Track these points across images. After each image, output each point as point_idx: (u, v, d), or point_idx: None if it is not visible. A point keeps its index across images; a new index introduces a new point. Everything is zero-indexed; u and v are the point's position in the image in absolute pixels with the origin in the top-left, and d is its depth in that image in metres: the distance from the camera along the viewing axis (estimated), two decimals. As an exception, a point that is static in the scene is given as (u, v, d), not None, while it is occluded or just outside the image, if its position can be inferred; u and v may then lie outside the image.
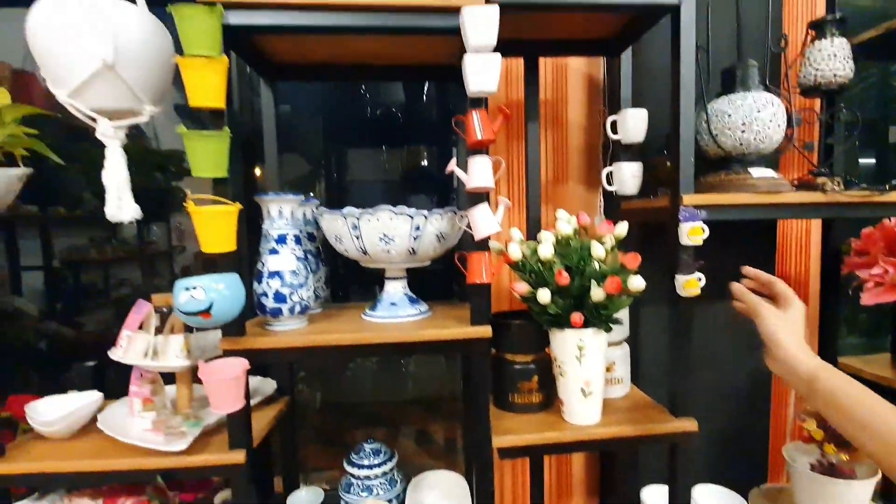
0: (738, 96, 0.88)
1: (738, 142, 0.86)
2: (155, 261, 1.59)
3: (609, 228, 0.84)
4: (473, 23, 0.71)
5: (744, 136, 0.86)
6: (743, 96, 0.87)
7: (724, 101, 0.89)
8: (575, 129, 1.25)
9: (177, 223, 1.55)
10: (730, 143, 0.88)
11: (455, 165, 0.78)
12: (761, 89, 0.89)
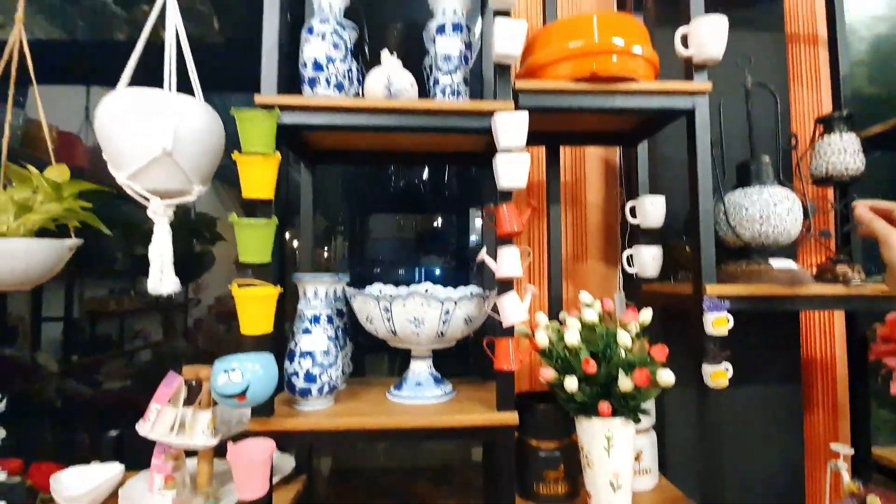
0: (754, 190, 0.92)
1: (757, 234, 0.89)
2: (171, 312, 1.63)
3: (634, 315, 0.86)
4: (505, 127, 0.77)
5: (762, 229, 0.89)
6: (759, 190, 0.91)
7: (741, 193, 0.93)
8: (593, 208, 1.30)
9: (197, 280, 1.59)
10: (748, 235, 0.91)
11: (485, 255, 0.82)
12: (776, 184, 0.93)
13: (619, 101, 0.86)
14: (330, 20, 0.85)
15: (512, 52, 0.79)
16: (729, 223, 0.92)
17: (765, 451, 1.21)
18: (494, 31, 0.79)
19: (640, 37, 0.88)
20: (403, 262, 1.51)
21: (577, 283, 1.26)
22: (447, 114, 0.82)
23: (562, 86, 0.84)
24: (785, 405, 1.22)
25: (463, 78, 0.90)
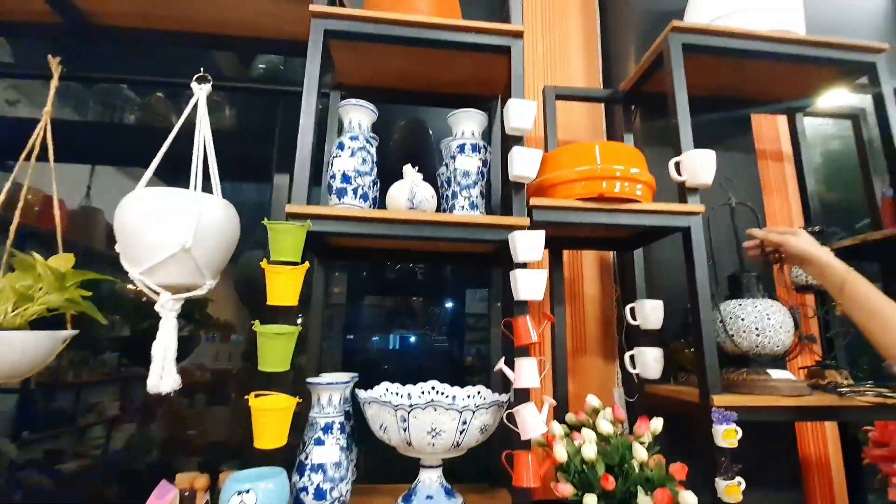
0: (748, 302, 0.98)
1: (754, 344, 0.94)
2: (131, 384, 1.55)
3: (646, 426, 0.87)
4: (523, 244, 0.82)
5: (758, 340, 0.94)
6: (752, 303, 0.97)
7: (735, 304, 0.99)
8: (590, 303, 1.35)
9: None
10: (746, 344, 0.96)
11: (503, 364, 0.84)
12: (765, 296, 1.00)
13: (622, 218, 0.94)
14: (360, 137, 0.92)
15: (528, 175, 0.87)
16: (727, 331, 0.97)
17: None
18: (513, 156, 0.86)
19: (639, 163, 0.98)
20: (407, 353, 1.50)
21: (578, 378, 1.27)
22: (468, 226, 0.87)
23: (572, 204, 0.91)
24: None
25: (480, 192, 0.97)
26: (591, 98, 1.35)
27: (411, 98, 1.24)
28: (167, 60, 1.46)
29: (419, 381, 1.06)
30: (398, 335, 1.50)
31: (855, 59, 1.12)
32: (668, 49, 1.04)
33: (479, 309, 1.48)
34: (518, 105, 0.88)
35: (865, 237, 1.17)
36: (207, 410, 1.56)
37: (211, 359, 1.55)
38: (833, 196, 1.77)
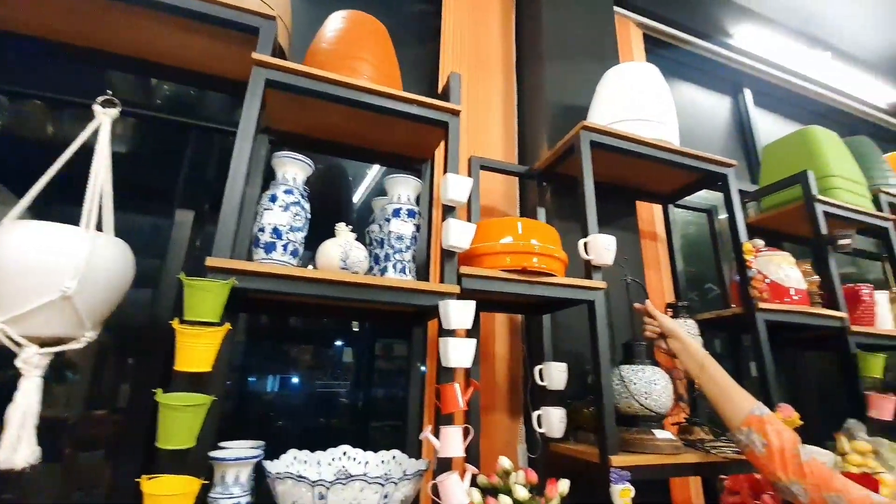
0: (638, 368, 1.12)
1: (645, 406, 1.07)
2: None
3: (555, 489, 0.92)
4: (456, 312, 0.85)
5: (647, 402, 1.07)
6: (642, 369, 1.11)
7: (628, 369, 1.12)
8: (500, 362, 1.41)
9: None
10: (637, 405, 1.08)
11: (429, 433, 0.83)
12: (652, 363, 1.15)
13: (540, 290, 1.02)
14: (294, 192, 0.89)
15: (462, 245, 0.92)
16: (623, 393, 1.09)
17: None
18: (449, 227, 0.91)
19: (555, 241, 1.09)
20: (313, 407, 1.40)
21: (487, 436, 1.31)
22: (401, 291, 0.88)
23: (499, 274, 0.98)
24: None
25: (412, 256, 0.99)
26: (512, 172, 1.48)
27: (343, 152, 1.24)
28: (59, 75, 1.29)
29: (326, 440, 1.00)
30: (303, 387, 1.41)
31: (712, 170, 1.39)
32: (579, 143, 1.20)
33: (395, 365, 1.46)
34: (456, 180, 0.94)
35: (719, 313, 1.42)
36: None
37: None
38: (693, 270, 2.13)
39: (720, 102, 2.44)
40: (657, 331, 1.12)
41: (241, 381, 1.36)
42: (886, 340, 1.48)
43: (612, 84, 1.47)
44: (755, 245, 1.48)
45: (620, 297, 1.26)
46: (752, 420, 0.90)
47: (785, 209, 1.64)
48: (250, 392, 1.36)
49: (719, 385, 0.97)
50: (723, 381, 0.98)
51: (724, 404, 0.96)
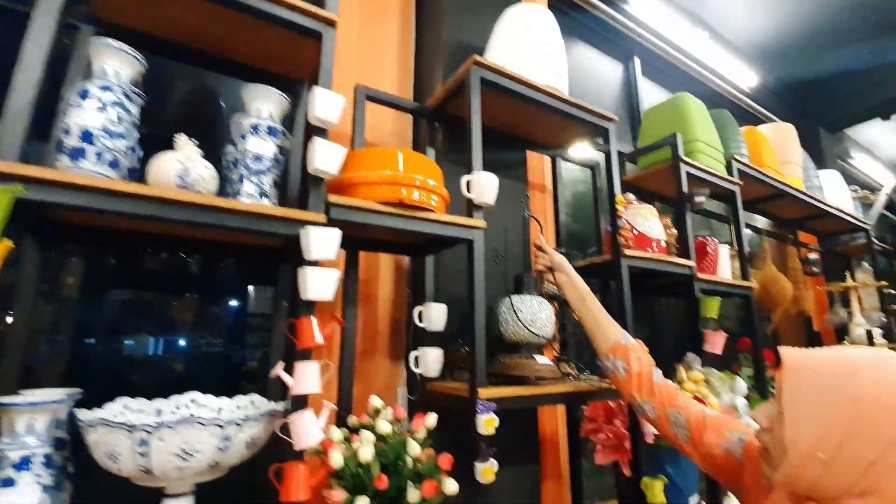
0: (526, 298, 1.15)
1: (531, 331, 1.11)
2: None
3: (422, 421, 0.92)
4: (317, 240, 0.78)
5: (532, 329, 1.11)
6: (530, 299, 1.15)
7: (518, 299, 1.15)
8: (384, 305, 1.37)
9: None
10: (523, 332, 1.11)
11: (281, 370, 0.76)
12: (536, 294, 1.18)
13: (418, 225, 0.98)
14: (115, 89, 0.72)
15: (330, 170, 0.83)
16: (511, 321, 1.11)
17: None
18: (315, 147, 0.81)
19: (437, 176, 1.04)
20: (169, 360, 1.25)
21: (365, 379, 1.28)
22: (254, 216, 0.77)
23: (373, 206, 0.91)
24: (527, 481, 1.45)
25: (274, 180, 0.88)
26: (400, 107, 1.39)
27: (201, 60, 1.06)
28: None
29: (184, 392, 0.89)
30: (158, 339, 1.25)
31: (597, 123, 1.44)
32: (469, 79, 1.15)
33: (262, 309, 1.35)
34: (325, 96, 0.84)
35: (591, 260, 1.51)
36: None
37: None
38: (577, 227, 2.25)
39: (613, 68, 2.55)
40: (548, 264, 1.17)
41: (79, 335, 1.15)
42: (723, 287, 1.70)
43: (510, 24, 1.43)
44: (627, 198, 1.59)
45: (516, 233, 1.27)
46: (618, 348, 1.00)
47: (656, 168, 1.78)
48: (93, 348, 1.17)
49: (596, 318, 1.06)
50: (599, 314, 1.07)
51: (598, 334, 1.05)
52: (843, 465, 0.54)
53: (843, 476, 0.54)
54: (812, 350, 0.63)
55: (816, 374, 0.59)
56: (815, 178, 2.66)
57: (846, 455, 0.54)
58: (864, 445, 0.53)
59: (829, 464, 0.55)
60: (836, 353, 0.61)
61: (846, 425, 0.54)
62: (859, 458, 0.53)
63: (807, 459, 0.56)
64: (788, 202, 2.44)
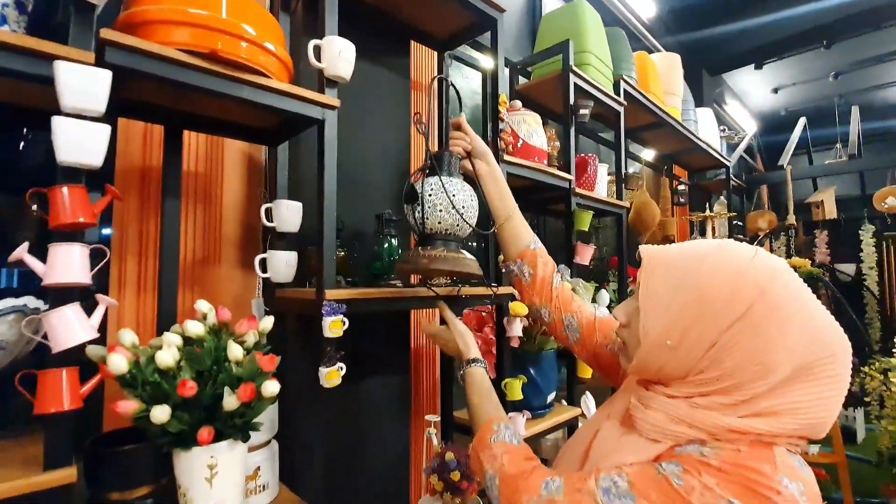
0: (455, 180, 0.95)
1: (463, 221, 0.92)
2: None
3: (251, 325, 0.80)
4: (73, 82, 0.57)
5: (465, 217, 0.92)
6: (459, 182, 0.95)
7: (448, 180, 0.93)
8: (232, 207, 1.18)
9: None
10: (451, 221, 0.92)
11: (25, 252, 0.58)
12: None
13: (247, 92, 0.79)
14: None
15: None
16: (452, 205, 0.91)
17: (382, 432, 1.39)
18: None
19: (276, 36, 0.84)
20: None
21: (207, 292, 1.11)
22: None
23: (173, 54, 0.69)
24: (397, 394, 1.44)
25: (16, 2, 0.62)
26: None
27: None
28: None
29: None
30: None
31: (484, 10, 1.29)
32: (324, -82, 0.92)
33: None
34: None
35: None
36: None
37: None
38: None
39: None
40: (467, 148, 1.02)
41: None
42: (598, 204, 1.75)
43: None
44: (513, 105, 1.51)
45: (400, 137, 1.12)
46: (527, 253, 0.95)
47: (547, 79, 1.71)
48: None
49: (511, 216, 0.98)
50: (515, 213, 0.98)
51: (511, 236, 0.98)
52: (687, 350, 0.56)
53: (687, 359, 0.57)
54: (668, 246, 0.63)
55: (668, 266, 0.60)
56: (691, 112, 2.83)
57: (690, 341, 0.56)
58: (705, 331, 0.55)
59: (675, 349, 0.57)
60: (686, 247, 0.62)
61: (691, 313, 0.56)
62: (701, 342, 0.56)
63: (656, 348, 0.58)
64: (667, 133, 2.57)
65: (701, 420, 0.54)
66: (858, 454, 3.67)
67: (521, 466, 0.64)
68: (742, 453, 0.52)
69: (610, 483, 0.55)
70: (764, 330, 0.53)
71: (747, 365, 0.53)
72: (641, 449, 0.58)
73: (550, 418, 1.44)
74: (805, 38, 4.04)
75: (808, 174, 4.84)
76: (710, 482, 0.50)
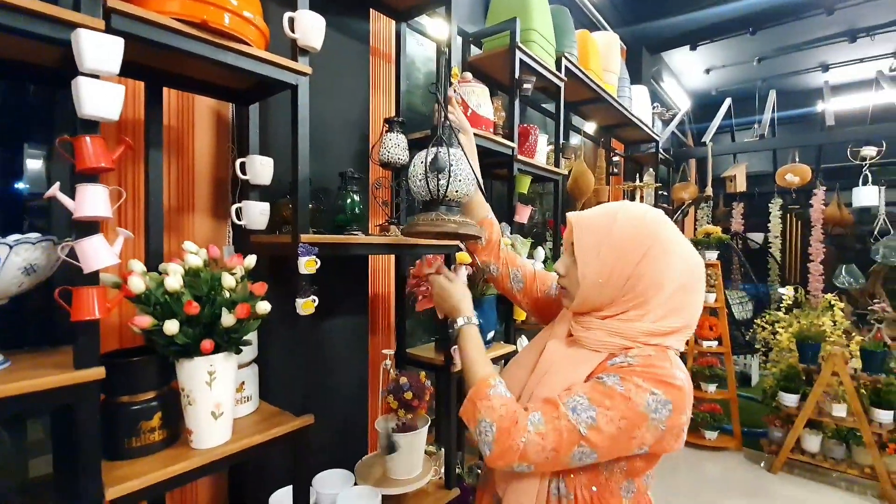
0: (457, 152, 0.95)
1: (466, 188, 0.95)
2: None
3: (239, 260, 0.95)
4: (92, 47, 0.67)
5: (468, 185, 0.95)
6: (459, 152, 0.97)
7: (454, 152, 0.95)
8: (202, 160, 1.27)
9: None
10: (463, 188, 0.95)
11: (58, 190, 0.69)
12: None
13: (230, 58, 0.90)
14: None
15: (103, -39, 0.69)
16: (458, 174, 0.94)
17: (345, 363, 1.59)
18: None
19: (254, 6, 0.95)
20: None
21: (181, 237, 1.22)
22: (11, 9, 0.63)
23: (166, 21, 0.80)
24: (357, 331, 1.63)
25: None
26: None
27: None
28: None
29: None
30: None
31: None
32: None
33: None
34: None
35: (426, 133, 1.59)
36: None
37: None
38: (424, 110, 2.29)
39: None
40: (456, 122, 1.06)
41: None
42: (537, 170, 1.97)
43: None
44: (464, 77, 1.67)
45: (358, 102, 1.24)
46: (484, 221, 1.09)
47: (496, 52, 1.87)
48: None
49: (478, 191, 1.06)
50: (476, 193, 1.06)
51: (475, 205, 1.09)
52: (612, 284, 0.78)
53: (613, 291, 0.79)
54: (586, 211, 0.85)
55: (592, 226, 0.82)
56: (627, 88, 3.09)
57: (614, 277, 0.78)
58: (623, 268, 0.78)
59: (604, 285, 0.78)
60: (598, 210, 0.85)
61: (612, 258, 0.78)
62: (622, 276, 0.78)
63: (592, 286, 0.79)
64: (603, 107, 2.82)
65: (628, 329, 0.77)
66: (751, 395, 4.34)
67: (513, 416, 0.75)
68: (651, 356, 0.75)
69: (575, 402, 0.72)
70: (659, 262, 0.77)
71: (650, 286, 0.77)
72: (587, 358, 0.80)
73: (490, 353, 1.69)
74: (735, 23, 4.40)
75: (726, 151, 5.36)
76: (638, 381, 0.73)
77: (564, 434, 0.71)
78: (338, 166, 1.43)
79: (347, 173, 1.37)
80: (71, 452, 0.80)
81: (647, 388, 0.72)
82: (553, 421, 0.72)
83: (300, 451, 1.05)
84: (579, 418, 0.71)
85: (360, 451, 1.64)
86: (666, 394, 0.72)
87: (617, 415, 0.71)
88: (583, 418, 0.71)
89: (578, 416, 0.71)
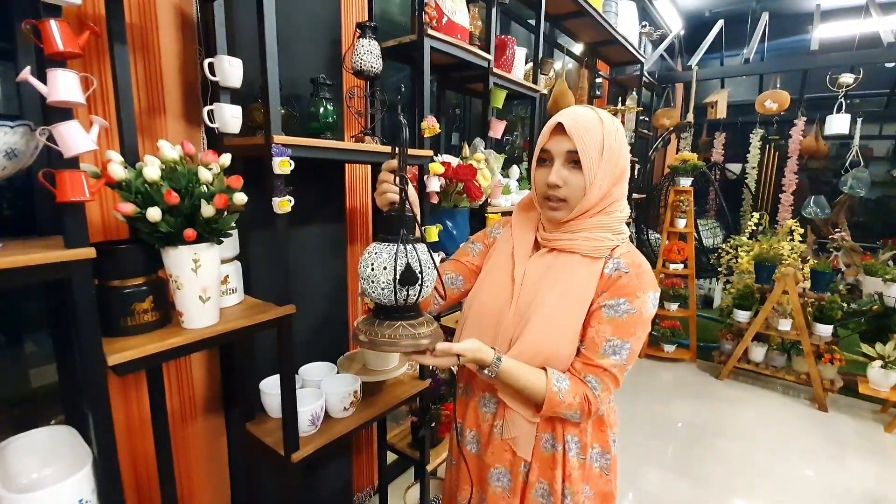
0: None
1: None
2: None
3: (214, 157, 0.98)
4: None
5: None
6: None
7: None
8: (169, 61, 1.25)
9: None
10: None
11: (29, 74, 0.71)
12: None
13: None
14: None
15: None
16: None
17: (322, 269, 1.68)
18: None
19: None
20: None
21: (155, 139, 1.23)
22: None
23: None
24: (335, 238, 1.70)
25: None
26: None
27: None
28: None
29: None
30: None
31: None
32: None
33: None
34: None
35: (400, 40, 1.56)
36: None
37: None
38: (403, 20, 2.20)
39: None
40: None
41: None
42: (513, 85, 1.97)
43: None
44: (439, -21, 1.60)
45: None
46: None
47: (474, -45, 1.78)
48: None
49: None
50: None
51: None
52: (607, 185, 0.88)
53: (610, 185, 0.89)
54: (572, 113, 0.87)
55: (588, 126, 0.85)
56: (613, 4, 2.98)
57: (616, 171, 0.89)
58: (613, 169, 0.88)
59: (602, 187, 0.87)
60: (574, 111, 0.88)
61: (607, 160, 0.86)
62: (612, 177, 0.88)
63: (596, 189, 0.87)
64: (587, 22, 2.74)
65: (612, 222, 0.90)
66: (711, 315, 4.67)
67: (584, 398, 0.86)
68: (632, 256, 0.89)
69: (610, 346, 0.86)
70: (624, 156, 0.89)
71: (623, 173, 0.90)
72: (586, 266, 0.89)
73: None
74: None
75: (711, 76, 5.28)
76: (635, 289, 0.85)
77: (619, 374, 0.87)
78: (309, 71, 1.41)
79: (319, 79, 1.37)
80: (71, 328, 0.88)
81: (645, 291, 0.86)
82: (605, 374, 0.87)
83: (284, 338, 1.16)
84: (621, 357, 0.86)
85: (340, 349, 1.78)
86: (654, 289, 0.88)
87: (641, 331, 0.87)
88: (623, 355, 0.86)
89: (620, 354, 0.86)
